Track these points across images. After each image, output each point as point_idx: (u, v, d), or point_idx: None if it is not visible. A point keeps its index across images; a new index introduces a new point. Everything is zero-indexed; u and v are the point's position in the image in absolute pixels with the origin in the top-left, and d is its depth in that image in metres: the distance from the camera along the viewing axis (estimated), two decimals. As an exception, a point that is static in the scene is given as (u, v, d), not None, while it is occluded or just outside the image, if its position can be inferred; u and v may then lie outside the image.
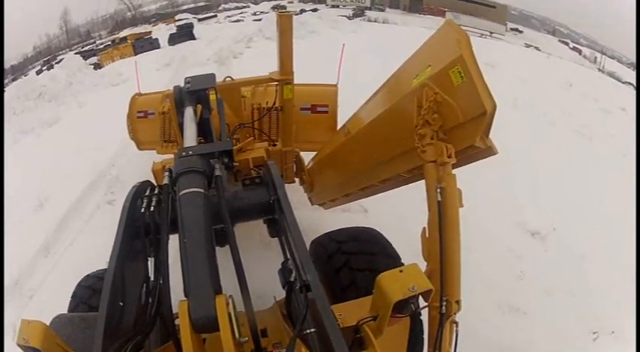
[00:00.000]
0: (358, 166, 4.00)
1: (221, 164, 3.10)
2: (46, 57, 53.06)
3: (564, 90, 16.54)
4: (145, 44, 36.17)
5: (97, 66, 31.64)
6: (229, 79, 5.61)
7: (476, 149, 2.40)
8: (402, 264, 3.55)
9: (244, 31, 28.53)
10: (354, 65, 7.39)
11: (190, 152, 3.03)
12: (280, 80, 5.12)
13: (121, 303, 2.56)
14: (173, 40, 34.49)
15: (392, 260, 3.52)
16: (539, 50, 30.96)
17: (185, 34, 35.81)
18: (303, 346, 2.19)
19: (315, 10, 42.59)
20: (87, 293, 4.01)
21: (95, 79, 21.06)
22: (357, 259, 3.50)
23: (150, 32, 47.24)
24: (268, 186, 3.29)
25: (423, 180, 2.69)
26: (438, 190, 2.49)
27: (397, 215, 5.97)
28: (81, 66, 22.08)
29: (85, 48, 51.69)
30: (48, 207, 8.64)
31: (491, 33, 35.79)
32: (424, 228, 2.63)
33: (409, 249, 3.29)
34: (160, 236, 2.72)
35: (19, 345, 2.20)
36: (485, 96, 2.18)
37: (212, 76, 4.33)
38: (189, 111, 3.98)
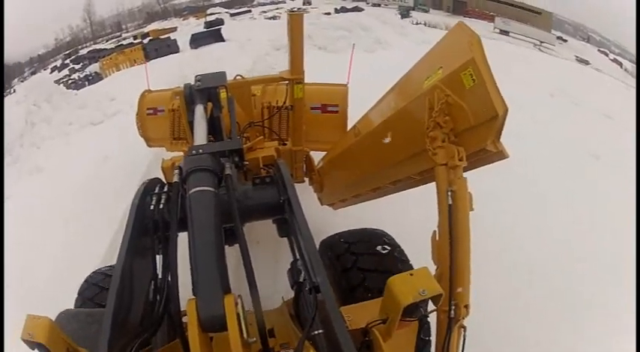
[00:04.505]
0: (368, 167, 4.03)
1: (231, 163, 3.15)
2: (68, 50, 52.87)
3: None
4: (160, 47, 29.36)
5: (97, 77, 27.55)
6: (240, 77, 5.68)
7: (487, 153, 2.42)
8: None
9: (284, 34, 23.16)
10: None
11: (200, 150, 3.07)
12: (291, 79, 5.15)
13: (129, 300, 2.59)
14: (196, 41, 28.38)
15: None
16: (589, 64, 30.30)
17: (212, 34, 29.53)
18: (311, 347, 2.22)
19: (357, 8, 40.66)
20: (94, 290, 4.04)
21: (70, 112, 15.19)
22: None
23: (175, 28, 44.59)
24: (278, 186, 3.29)
25: (433, 183, 2.71)
26: (449, 193, 2.51)
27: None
28: (51, 92, 16.41)
29: (106, 43, 51.01)
30: None
31: (542, 42, 35.21)
32: (434, 231, 2.65)
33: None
34: (169, 233, 2.74)
35: (23, 340, 2.21)
36: (497, 99, 2.20)
37: (223, 74, 4.35)
38: (199, 109, 4.02)
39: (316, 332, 2.27)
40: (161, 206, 3.05)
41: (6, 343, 4.93)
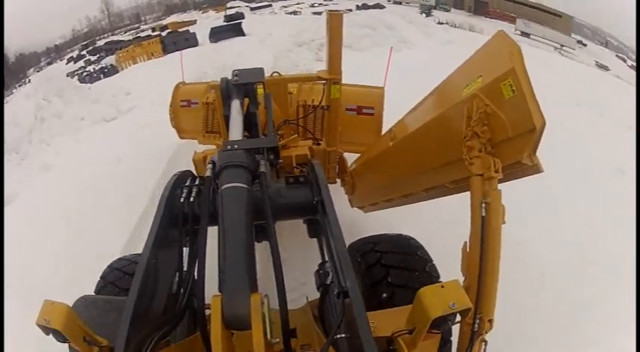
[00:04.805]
0: (402, 172, 4.03)
1: (266, 160, 3.12)
2: (85, 41, 53.91)
3: None
4: (178, 40, 29.12)
5: (113, 69, 27.67)
6: (276, 74, 5.73)
7: (522, 166, 2.40)
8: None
9: (306, 30, 23.36)
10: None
11: (236, 146, 3.05)
12: (328, 79, 5.18)
13: (152, 291, 2.61)
14: (216, 35, 28.15)
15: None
16: (609, 70, 29.64)
17: (232, 28, 29.20)
18: (333, 350, 2.23)
19: (378, 5, 41.37)
20: (117, 275, 4.03)
21: (82, 107, 14.30)
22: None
23: (194, 21, 45.33)
24: (312, 186, 3.29)
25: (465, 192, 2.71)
26: (483, 205, 2.50)
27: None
28: (63, 86, 15.11)
29: (124, 35, 51.77)
30: None
31: (562, 46, 34.67)
32: (465, 242, 2.64)
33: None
34: (198, 227, 2.76)
35: (38, 325, 2.21)
36: (536, 112, 2.18)
37: (261, 70, 4.36)
38: (235, 104, 4.01)
39: (339, 335, 2.27)
40: (191, 199, 3.11)
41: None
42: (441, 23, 33.94)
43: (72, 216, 8.25)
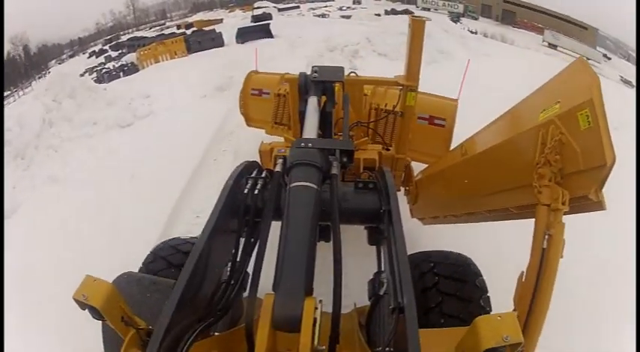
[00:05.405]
0: (468, 190, 4.00)
1: (339, 162, 3.04)
2: (109, 36, 55.02)
3: None
4: (203, 40, 28.36)
5: (133, 68, 26.86)
6: (353, 74, 5.78)
7: (587, 200, 2.36)
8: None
9: (336, 34, 22.61)
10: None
11: (310, 144, 3.02)
12: (405, 85, 5.16)
13: (201, 279, 2.58)
14: (243, 36, 27.48)
15: None
16: (634, 86, 28.21)
17: (259, 29, 28.58)
18: None
19: (407, 11, 41.07)
20: (170, 251, 4.05)
21: (96, 110, 13.27)
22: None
23: (220, 20, 45.24)
24: (381, 194, 3.24)
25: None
26: (546, 237, 2.46)
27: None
28: (74, 87, 13.80)
29: (149, 31, 52.18)
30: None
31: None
32: (522, 272, 2.60)
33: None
34: (258, 220, 2.83)
35: (75, 300, 2.16)
36: (608, 147, 2.14)
37: (341, 69, 4.38)
38: (313, 101, 4.02)
39: (386, 348, 2.25)
40: (256, 191, 3.14)
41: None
42: (473, 32, 33.89)
43: (79, 235, 7.49)
